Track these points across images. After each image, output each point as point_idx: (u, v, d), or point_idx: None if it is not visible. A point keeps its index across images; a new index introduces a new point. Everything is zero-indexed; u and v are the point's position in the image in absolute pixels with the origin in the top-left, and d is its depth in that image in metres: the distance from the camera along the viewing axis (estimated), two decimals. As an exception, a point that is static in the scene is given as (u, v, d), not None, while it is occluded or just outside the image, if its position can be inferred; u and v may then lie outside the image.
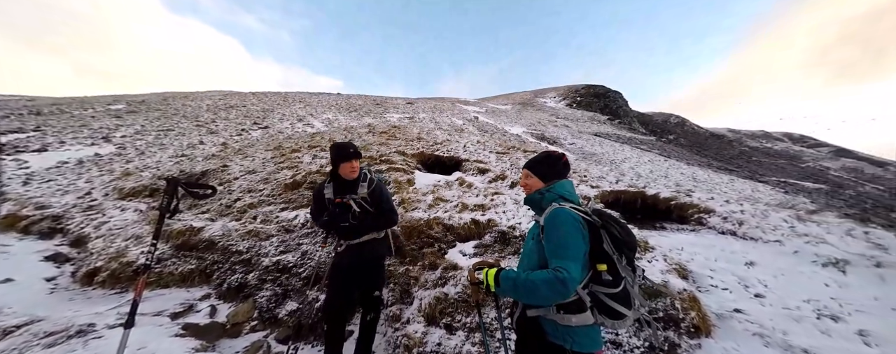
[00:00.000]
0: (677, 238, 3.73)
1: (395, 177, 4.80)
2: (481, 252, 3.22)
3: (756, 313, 2.16)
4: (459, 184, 4.94)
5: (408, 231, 3.40)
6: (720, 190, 9.48)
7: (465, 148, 7.65)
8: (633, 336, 2.03)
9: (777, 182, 18.89)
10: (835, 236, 3.39)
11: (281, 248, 3.27)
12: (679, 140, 30.08)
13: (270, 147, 7.52)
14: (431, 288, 2.65)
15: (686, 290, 2.25)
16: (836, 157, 32.95)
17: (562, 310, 1.16)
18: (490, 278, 1.29)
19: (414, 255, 3.12)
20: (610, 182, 5.36)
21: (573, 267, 1.08)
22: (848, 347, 1.84)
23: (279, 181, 4.87)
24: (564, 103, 36.56)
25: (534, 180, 1.43)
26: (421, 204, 4.01)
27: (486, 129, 15.86)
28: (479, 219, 3.66)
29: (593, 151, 15.90)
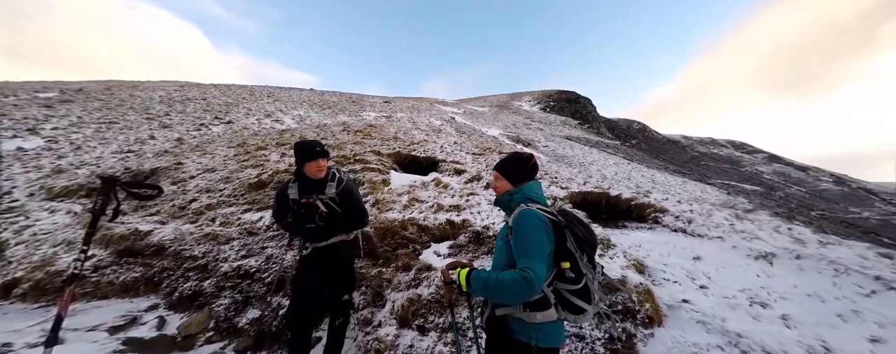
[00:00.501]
0: (636, 235, 4.02)
1: (369, 177, 4.69)
2: (456, 252, 3.24)
3: (700, 303, 2.39)
4: (436, 185, 4.94)
5: (381, 232, 3.34)
6: (674, 192, 10.38)
7: (442, 148, 7.67)
8: (595, 329, 2.15)
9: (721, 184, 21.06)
10: (765, 232, 3.85)
11: (243, 252, 3.06)
12: (640, 145, 32.51)
13: (233, 144, 7.02)
14: (404, 289, 2.63)
15: (642, 284, 2.44)
16: (769, 162, 37.50)
17: (528, 308, 1.20)
18: (462, 278, 1.31)
19: (387, 257, 3.06)
20: (578, 183, 5.65)
21: (539, 267, 1.12)
22: (772, 329, 2.10)
23: (242, 180, 4.56)
24: (539, 107, 37.97)
25: (503, 182, 1.47)
26: (396, 205, 3.95)
27: (463, 130, 16.03)
28: (454, 220, 3.69)
29: (565, 154, 16.67)
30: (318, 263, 1.93)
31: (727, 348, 1.86)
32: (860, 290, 2.55)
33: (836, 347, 1.95)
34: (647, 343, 2.00)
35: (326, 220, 1.89)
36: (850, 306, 2.36)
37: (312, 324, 2.00)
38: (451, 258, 3.12)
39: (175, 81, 18.68)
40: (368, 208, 3.87)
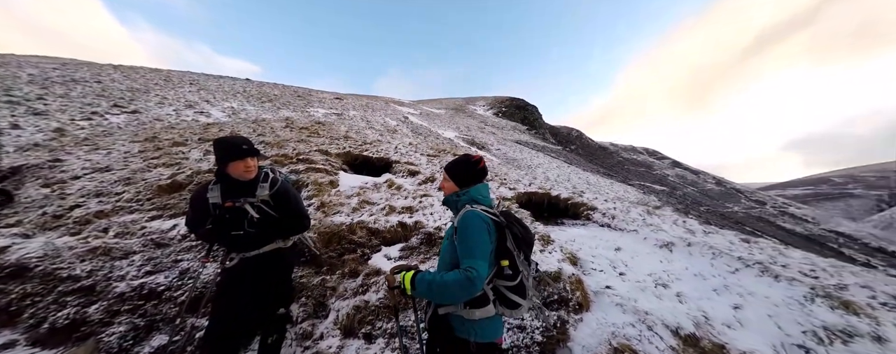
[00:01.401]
0: (572, 231, 4.49)
1: (315, 178, 4.35)
2: (407, 254, 3.20)
3: (619, 287, 2.77)
4: (388, 186, 4.82)
5: (327, 237, 3.12)
6: (603, 192, 11.86)
7: (396, 149, 7.52)
8: (535, 319, 2.33)
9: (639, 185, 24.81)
10: (667, 225, 4.65)
11: (147, 268, 2.55)
12: (577, 150, 36.50)
13: (140, 138, 5.85)
14: (351, 296, 2.49)
15: (574, 275, 2.72)
16: (673, 167, 45.49)
17: (468, 306, 1.25)
18: (407, 281, 1.29)
19: (332, 263, 2.87)
20: (524, 184, 6.07)
21: (481, 266, 1.17)
22: (670, 306, 2.53)
23: (150, 182, 3.82)
24: (492, 112, 39.90)
25: (451, 183, 1.49)
26: (344, 208, 3.74)
27: (419, 132, 15.97)
28: (407, 222, 3.64)
29: (515, 157, 17.79)
30: (247, 275, 1.71)
31: (637, 324, 2.19)
32: (728, 268, 3.24)
33: (711, 315, 2.43)
34: (577, 327, 2.24)
35: (258, 226, 1.69)
36: (722, 282, 2.98)
37: (239, 345, 1.76)
38: (402, 261, 3.07)
39: (55, 58, 14.84)
40: (313, 212, 3.59)
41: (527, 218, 4.13)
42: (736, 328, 2.33)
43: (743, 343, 2.12)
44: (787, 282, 2.91)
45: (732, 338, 2.16)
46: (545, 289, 2.61)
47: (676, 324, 2.22)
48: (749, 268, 3.19)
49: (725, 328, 2.30)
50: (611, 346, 1.98)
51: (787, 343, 2.16)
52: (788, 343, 2.16)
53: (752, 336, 2.24)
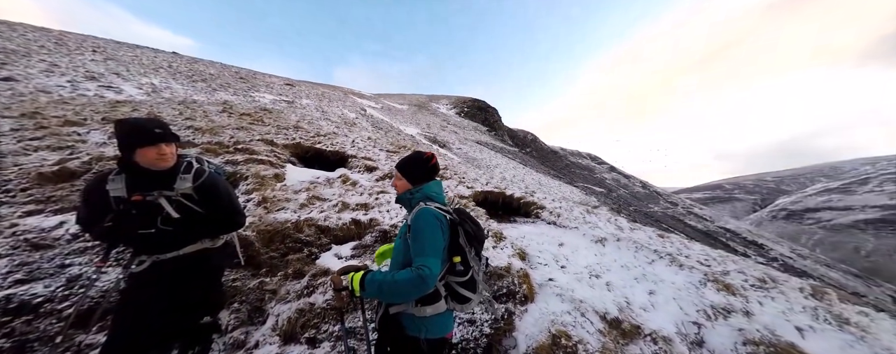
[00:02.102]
0: (522, 228, 4.79)
1: (256, 170, 3.91)
2: (360, 253, 3.07)
3: (560, 279, 3.04)
4: (343, 182, 4.57)
5: (268, 235, 2.84)
6: (552, 192, 12.88)
7: (353, 143, 7.16)
8: (484, 313, 2.43)
9: (582, 186, 27.50)
10: (602, 222, 5.23)
11: (18, 276, 2.03)
12: (532, 153, 39.05)
13: (14, 112, 4.61)
14: (294, 299, 2.31)
15: (522, 269, 2.90)
16: (610, 171, 51.48)
17: (419, 303, 1.25)
18: (356, 282, 1.24)
19: (274, 264, 2.62)
20: (482, 184, 6.29)
21: (433, 264, 1.17)
22: (600, 294, 2.86)
23: (27, 169, 3.04)
24: (454, 112, 40.45)
25: (403, 181, 1.47)
26: (290, 204, 3.44)
27: (380, 126, 15.45)
28: (361, 219, 3.50)
29: (475, 157, 18.31)
30: (163, 280, 1.47)
31: (573, 312, 2.42)
32: (647, 260, 3.77)
33: (632, 300, 2.81)
34: (522, 318, 2.40)
35: (178, 224, 1.45)
36: (642, 271, 3.46)
37: (145, 363, 1.50)
38: (355, 259, 2.94)
39: None
40: (252, 208, 3.23)
41: (482, 216, 4.28)
42: (649, 310, 2.73)
43: (653, 323, 2.49)
44: (688, 270, 3.50)
45: (646, 319, 2.53)
46: (495, 284, 2.74)
47: (604, 310, 2.51)
48: (662, 259, 3.76)
49: (642, 311, 2.68)
50: (550, 333, 2.16)
51: (685, 320, 2.60)
52: (686, 321, 2.60)
53: (661, 316, 2.65)
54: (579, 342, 2.12)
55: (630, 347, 2.29)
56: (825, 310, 2.90)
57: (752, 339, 2.35)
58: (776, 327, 2.52)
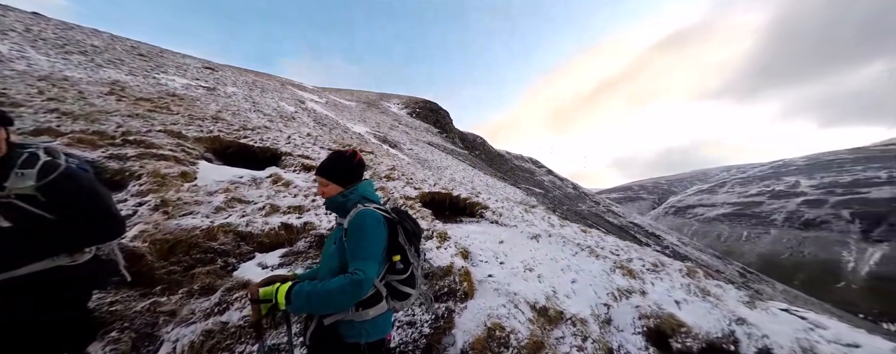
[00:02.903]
0: (467, 228, 4.96)
1: (154, 167, 3.23)
2: (291, 261, 2.78)
3: (499, 275, 3.23)
4: (273, 182, 4.09)
5: (167, 246, 2.37)
6: (498, 193, 13.68)
7: (289, 139, 6.48)
8: (425, 313, 2.43)
9: (525, 188, 29.87)
10: (538, 220, 5.75)
11: None
12: (481, 155, 40.94)
13: None
14: (201, 319, 1.96)
15: (463, 267, 3.00)
16: (548, 174, 57.17)
17: (360, 307, 1.20)
18: (281, 295, 1.11)
19: (174, 280, 2.19)
20: (429, 185, 6.32)
21: (371, 267, 1.14)
22: (533, 286, 3.12)
23: None
24: (406, 111, 40.00)
25: (332, 186, 1.39)
26: (201, 208, 2.93)
27: (324, 122, 14.34)
28: (293, 223, 3.17)
29: (426, 158, 18.35)
30: None
31: (507, 305, 2.59)
32: (571, 252, 4.27)
33: (558, 289, 3.14)
34: (462, 315, 2.47)
35: (8, 236, 1.09)
36: (567, 263, 3.89)
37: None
38: (283, 269, 2.64)
39: None
40: (145, 212, 2.65)
41: (428, 216, 4.30)
42: (571, 297, 3.08)
43: (574, 307, 2.82)
44: (602, 260, 4.08)
45: (568, 305, 2.85)
46: (437, 283, 2.77)
47: (535, 300, 2.75)
48: (583, 251, 4.29)
49: (565, 298, 3.01)
50: (486, 326, 2.27)
51: (598, 303, 3.01)
52: (599, 303, 3.01)
53: (580, 301, 3.02)
54: (512, 331, 2.27)
55: (554, 331, 2.55)
56: (695, 286, 3.68)
57: (645, 313, 2.84)
58: (662, 302, 3.10)
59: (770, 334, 2.68)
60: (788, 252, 59.70)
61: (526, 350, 2.16)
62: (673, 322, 2.78)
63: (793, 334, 2.73)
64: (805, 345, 2.59)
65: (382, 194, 4.43)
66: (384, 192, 4.50)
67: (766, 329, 2.73)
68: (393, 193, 4.65)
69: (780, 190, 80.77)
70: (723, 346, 2.67)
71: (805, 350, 2.57)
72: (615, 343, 2.62)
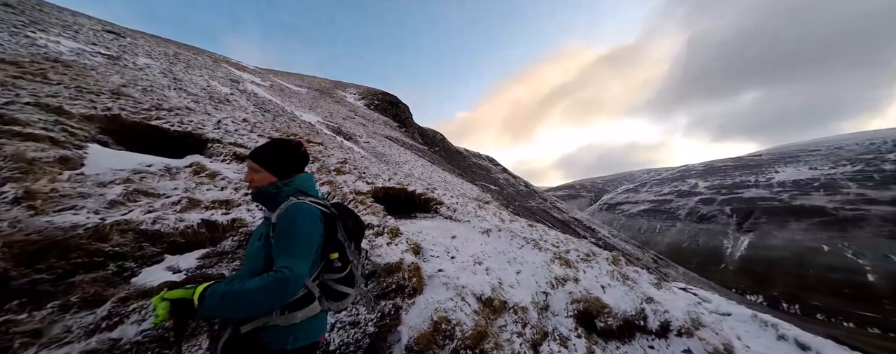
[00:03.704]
0: (421, 224, 4.93)
1: (16, 150, 2.50)
2: (213, 263, 2.43)
3: (449, 269, 3.27)
4: (195, 173, 3.52)
5: (33, 249, 1.86)
6: (455, 189, 13.92)
7: (220, 124, 5.64)
8: (370, 313, 2.34)
9: (481, 185, 30.98)
10: (490, 215, 6.00)
11: None
12: (440, 152, 41.22)
13: None
14: (81, 338, 1.60)
15: (413, 263, 2.96)
16: (503, 172, 60.22)
17: (286, 310, 1.08)
18: (196, 295, 0.95)
19: (42, 291, 1.74)
20: (384, 180, 6.12)
21: (301, 265, 1.02)
22: (481, 278, 3.23)
23: None
24: (363, 103, 38.17)
25: (264, 174, 1.24)
26: (89, 202, 2.38)
27: (267, 108, 12.86)
28: (219, 220, 2.78)
29: (384, 152, 17.77)
30: None
31: (455, 298, 2.64)
32: (517, 245, 4.54)
33: (504, 280, 3.31)
34: (409, 311, 2.44)
35: None
36: (513, 255, 4.13)
37: None
38: (203, 271, 2.29)
39: None
40: (2, 207, 2.05)
41: (380, 212, 4.15)
42: (515, 287, 3.28)
43: (517, 297, 3.00)
44: (544, 252, 4.42)
45: (512, 295, 3.02)
46: (385, 280, 2.69)
47: (481, 292, 2.85)
48: (528, 244, 4.60)
49: (509, 288, 3.19)
50: (432, 320, 2.28)
51: (538, 291, 3.26)
52: (539, 292, 3.26)
53: (523, 290, 3.22)
54: (457, 324, 2.32)
55: (498, 320, 2.68)
56: (618, 272, 4.22)
57: (576, 298, 3.16)
58: (591, 287, 3.48)
59: (670, 309, 3.20)
60: (688, 241, 72.75)
61: (470, 341, 2.23)
62: (598, 304, 3.15)
63: (686, 308, 3.31)
64: (693, 316, 3.16)
65: (329, 188, 4.14)
66: (332, 187, 4.21)
67: (667, 306, 3.26)
68: (342, 188, 4.38)
69: (684, 191, 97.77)
70: (636, 322, 3.11)
71: (693, 320, 3.14)
72: (550, 326, 2.87)
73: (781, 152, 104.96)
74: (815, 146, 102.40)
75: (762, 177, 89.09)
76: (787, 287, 49.12)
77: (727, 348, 2.89)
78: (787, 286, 49.44)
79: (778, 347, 3.41)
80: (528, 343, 2.52)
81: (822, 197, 68.91)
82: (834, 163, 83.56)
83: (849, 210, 61.33)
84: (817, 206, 65.79)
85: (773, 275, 52.61)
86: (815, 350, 3.08)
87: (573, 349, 2.68)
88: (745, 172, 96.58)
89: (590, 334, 2.93)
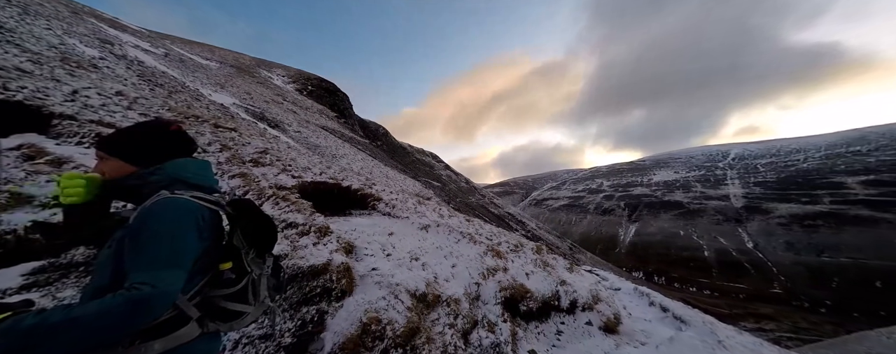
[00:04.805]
0: (356, 221, 4.65)
1: None
2: (53, 280, 1.81)
3: (383, 267, 3.15)
4: (27, 159, 2.57)
5: None
6: (396, 185, 13.61)
7: (75, 96, 4.24)
8: (287, 321, 2.09)
9: (424, 181, 31.09)
10: (429, 211, 6.03)
11: None
12: (383, 146, 39.76)
13: None
14: None
15: (343, 263, 2.76)
16: (446, 169, 61.67)
17: (137, 340, 0.82)
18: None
19: None
20: (314, 173, 5.56)
21: (168, 279, 0.79)
22: (416, 274, 3.21)
23: None
24: (294, 87, 34.09)
25: (115, 164, 0.95)
26: None
27: (158, 81, 10.26)
28: (66, 222, 2.07)
29: (318, 143, 16.18)
30: None
31: (388, 296, 2.56)
32: (454, 240, 4.68)
33: (439, 275, 3.36)
34: (336, 315, 2.26)
35: None
36: (450, 250, 4.24)
37: None
38: (34, 293, 1.67)
39: None
40: None
41: (307, 209, 3.75)
42: (450, 280, 3.36)
43: (451, 290, 3.09)
44: (479, 245, 4.66)
45: (446, 289, 3.09)
46: (308, 285, 2.44)
47: (415, 288, 2.83)
48: (464, 238, 4.79)
49: (444, 282, 3.26)
50: (361, 322, 2.16)
51: (471, 282, 3.42)
52: (471, 283, 3.42)
53: (457, 283, 3.33)
54: (388, 323, 2.25)
55: (431, 314, 2.71)
56: (540, 260, 4.74)
57: (504, 286, 3.43)
58: (517, 275, 3.82)
59: (578, 289, 3.75)
60: (594, 231, 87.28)
61: (401, 339, 2.19)
62: (523, 290, 3.48)
63: (589, 286, 3.92)
64: (594, 293, 3.77)
65: (242, 183, 3.53)
66: (245, 180, 3.60)
67: (576, 286, 3.80)
68: (259, 182, 3.79)
69: (593, 188, 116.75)
70: (552, 303, 3.54)
71: (594, 296, 3.74)
72: (480, 314, 3.04)
73: (657, 159, 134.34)
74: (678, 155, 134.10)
75: (645, 178, 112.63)
76: (658, 264, 63.58)
77: (616, 316, 3.53)
78: (658, 263, 63.92)
79: (650, 311, 4.35)
80: (459, 333, 2.61)
81: (681, 194, 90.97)
82: (688, 169, 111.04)
83: (695, 204, 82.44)
84: (677, 201, 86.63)
85: (649, 255, 67.35)
86: (671, 310, 4.01)
87: (499, 333, 2.90)
88: (635, 174, 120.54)
89: (514, 317, 3.22)
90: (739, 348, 3.23)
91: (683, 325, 3.80)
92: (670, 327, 3.81)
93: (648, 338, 3.44)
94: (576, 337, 3.31)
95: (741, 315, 38.23)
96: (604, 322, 3.42)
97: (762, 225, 65.53)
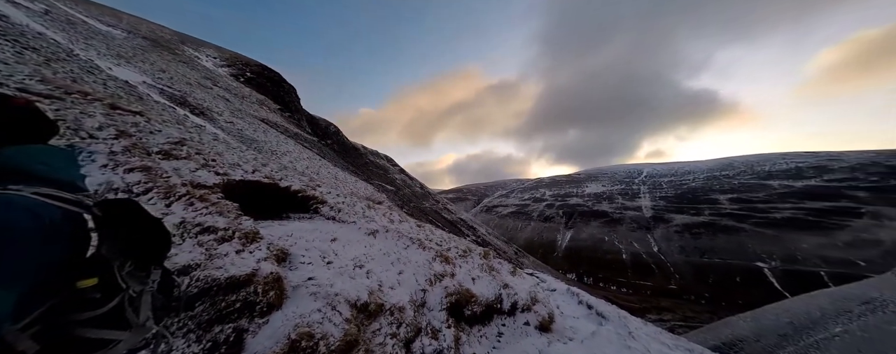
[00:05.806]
0: (294, 225, 4.21)
1: None
2: None
3: (322, 276, 2.89)
4: None
5: None
6: (344, 187, 12.83)
7: None
8: (193, 344, 1.75)
9: (377, 184, 30.00)
10: (379, 216, 5.80)
11: None
12: (333, 145, 37.30)
13: None
14: None
15: (273, 273, 2.45)
16: (400, 173, 60.57)
17: None
18: None
19: None
20: (246, 170, 4.90)
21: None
22: (360, 282, 3.03)
23: None
24: (229, 71, 30.05)
25: None
26: None
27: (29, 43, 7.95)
28: None
29: (256, 137, 14.40)
30: None
31: (324, 308, 2.35)
32: (403, 246, 4.57)
33: (384, 282, 3.22)
34: (258, 333, 1.97)
35: None
36: (397, 256, 4.11)
37: None
38: None
39: None
40: None
41: (232, 211, 3.25)
42: (396, 287, 3.25)
43: (395, 298, 2.98)
44: (428, 251, 4.63)
45: (391, 296, 2.97)
46: (224, 299, 2.09)
47: (357, 297, 2.66)
48: (414, 244, 4.71)
49: (390, 289, 3.13)
50: (289, 339, 1.92)
51: (417, 289, 3.35)
52: (417, 289, 3.35)
53: (402, 290, 3.23)
54: (322, 337, 2.06)
55: (373, 324, 2.56)
56: (487, 265, 4.91)
57: (451, 292, 3.45)
58: (464, 280, 3.88)
59: (519, 292, 3.97)
60: (537, 236, 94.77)
61: (337, 353, 2.02)
62: (468, 294, 3.54)
63: (529, 288, 4.18)
64: (532, 295, 4.03)
65: (143, 178, 2.89)
66: (149, 176, 2.96)
67: (517, 289, 4.02)
68: (169, 179, 3.16)
69: (537, 197, 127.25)
70: (494, 306, 3.67)
71: (532, 297, 4.00)
72: (425, 322, 2.99)
73: (589, 173, 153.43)
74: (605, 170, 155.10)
75: (579, 190, 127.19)
76: (588, 266, 71.89)
77: (550, 315, 3.83)
78: (588, 265, 72.24)
79: (579, 309, 4.82)
80: (401, 342, 2.51)
81: (607, 204, 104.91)
82: (613, 183, 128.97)
83: (617, 214, 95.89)
84: (603, 210, 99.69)
85: (581, 259, 75.81)
86: (595, 307, 4.51)
87: (443, 339, 2.88)
88: (572, 186, 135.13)
89: (459, 323, 3.24)
90: (645, 337, 3.78)
91: (604, 320, 4.31)
92: (593, 322, 4.28)
93: (575, 334, 3.81)
94: (515, 338, 3.49)
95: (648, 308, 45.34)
96: (539, 321, 3.67)
97: (664, 232, 79.72)
